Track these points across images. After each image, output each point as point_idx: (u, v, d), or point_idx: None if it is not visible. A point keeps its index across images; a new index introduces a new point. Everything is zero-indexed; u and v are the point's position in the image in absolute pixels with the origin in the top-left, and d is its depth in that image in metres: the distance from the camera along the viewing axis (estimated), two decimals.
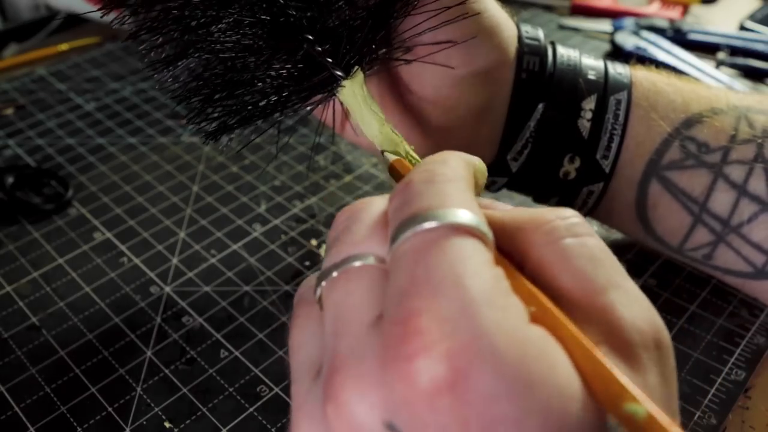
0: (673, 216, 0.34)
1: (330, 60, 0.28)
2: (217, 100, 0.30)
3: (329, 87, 0.29)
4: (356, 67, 0.29)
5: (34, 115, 0.55)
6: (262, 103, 0.29)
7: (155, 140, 0.52)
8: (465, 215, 0.18)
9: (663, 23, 0.64)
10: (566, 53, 0.35)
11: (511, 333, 0.16)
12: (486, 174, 0.23)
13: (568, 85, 0.34)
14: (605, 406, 0.16)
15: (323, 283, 0.20)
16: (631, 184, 0.35)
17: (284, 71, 0.29)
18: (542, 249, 0.19)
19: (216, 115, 0.30)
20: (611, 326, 0.18)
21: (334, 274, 0.20)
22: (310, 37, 0.28)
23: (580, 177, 0.35)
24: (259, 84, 0.29)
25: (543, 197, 0.37)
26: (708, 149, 0.33)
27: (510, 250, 0.20)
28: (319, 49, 0.28)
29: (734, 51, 0.61)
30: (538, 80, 0.34)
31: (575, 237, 0.19)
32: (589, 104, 0.34)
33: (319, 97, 0.30)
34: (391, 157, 0.27)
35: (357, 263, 0.20)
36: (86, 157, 0.50)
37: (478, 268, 0.17)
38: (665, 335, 0.19)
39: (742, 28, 0.65)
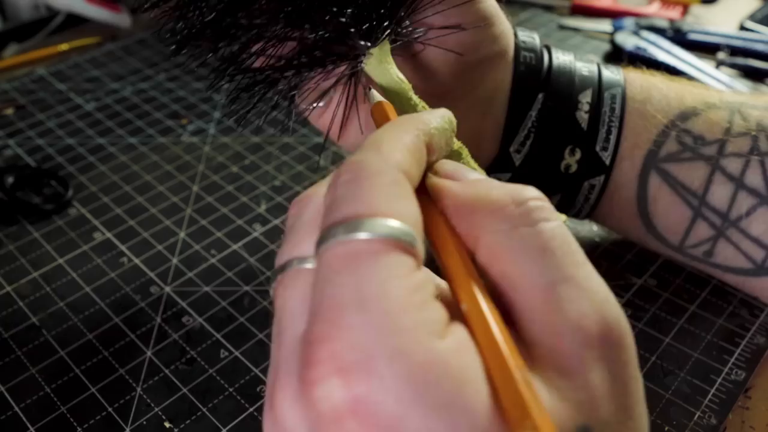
0: (674, 210, 0.34)
1: (355, 29, 0.28)
2: (243, 61, 0.30)
3: (355, 58, 0.29)
4: (382, 35, 0.29)
5: (34, 115, 0.55)
6: (289, 67, 0.29)
7: (155, 140, 0.52)
8: (382, 226, 0.17)
9: (663, 23, 0.64)
10: (561, 55, 0.36)
11: (415, 355, 0.16)
12: (454, 124, 0.22)
13: (566, 79, 0.35)
14: (510, 427, 0.16)
15: (273, 285, 0.20)
16: (631, 177, 0.35)
17: (311, 40, 0.29)
18: (493, 237, 0.19)
19: (241, 77, 0.30)
20: (552, 325, 0.18)
21: (278, 277, 0.20)
22: (335, 9, 0.28)
23: (581, 170, 0.35)
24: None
25: (545, 194, 0.37)
26: (704, 141, 0.34)
27: (463, 232, 0.20)
28: (345, 19, 0.28)
29: (734, 51, 0.61)
30: (536, 73, 0.35)
31: (529, 225, 0.19)
32: (586, 97, 0.35)
33: (344, 67, 0.30)
34: (376, 98, 0.27)
35: (295, 267, 0.19)
36: (86, 157, 0.50)
37: (387, 286, 0.17)
38: (617, 329, 0.18)
39: (742, 28, 0.65)
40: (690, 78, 0.56)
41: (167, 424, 0.32)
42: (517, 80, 0.34)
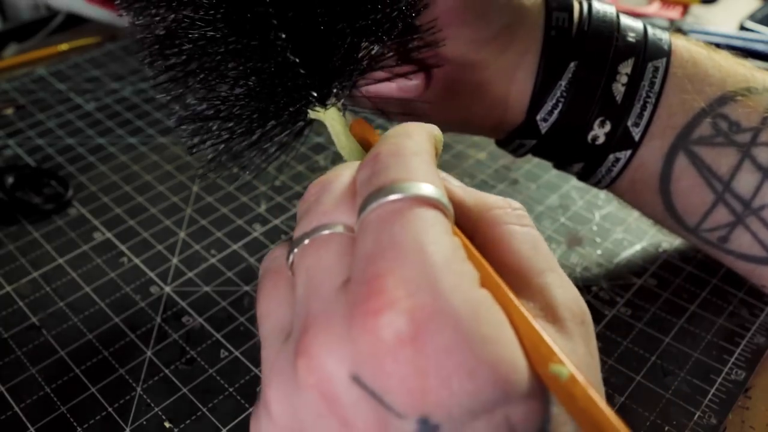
0: (696, 192, 0.34)
1: (305, 72, 0.27)
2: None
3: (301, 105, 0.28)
4: (334, 98, 0.28)
5: (34, 115, 0.55)
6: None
7: (155, 140, 0.52)
8: (428, 188, 0.20)
9: (663, 23, 0.64)
10: (602, 9, 0.35)
11: (466, 294, 0.18)
12: (442, 141, 0.25)
13: (603, 45, 0.34)
14: (534, 366, 0.18)
15: (295, 251, 0.21)
16: (658, 155, 0.34)
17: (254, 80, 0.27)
18: (492, 229, 0.22)
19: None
20: (547, 302, 0.20)
21: (306, 241, 0.21)
22: (284, 36, 0.26)
23: (608, 142, 0.34)
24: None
25: (567, 162, 0.37)
26: (739, 128, 0.33)
27: (463, 224, 0.22)
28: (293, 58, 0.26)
29: (734, 51, 0.61)
30: (569, 37, 0.34)
31: (522, 226, 0.22)
32: (626, 68, 0.34)
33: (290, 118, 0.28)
34: (351, 118, 0.28)
35: (326, 231, 0.21)
36: (86, 157, 0.50)
37: (438, 236, 0.19)
38: (589, 316, 0.21)
39: (742, 28, 0.65)
40: None
41: (167, 424, 0.32)
42: (547, 46, 0.33)
